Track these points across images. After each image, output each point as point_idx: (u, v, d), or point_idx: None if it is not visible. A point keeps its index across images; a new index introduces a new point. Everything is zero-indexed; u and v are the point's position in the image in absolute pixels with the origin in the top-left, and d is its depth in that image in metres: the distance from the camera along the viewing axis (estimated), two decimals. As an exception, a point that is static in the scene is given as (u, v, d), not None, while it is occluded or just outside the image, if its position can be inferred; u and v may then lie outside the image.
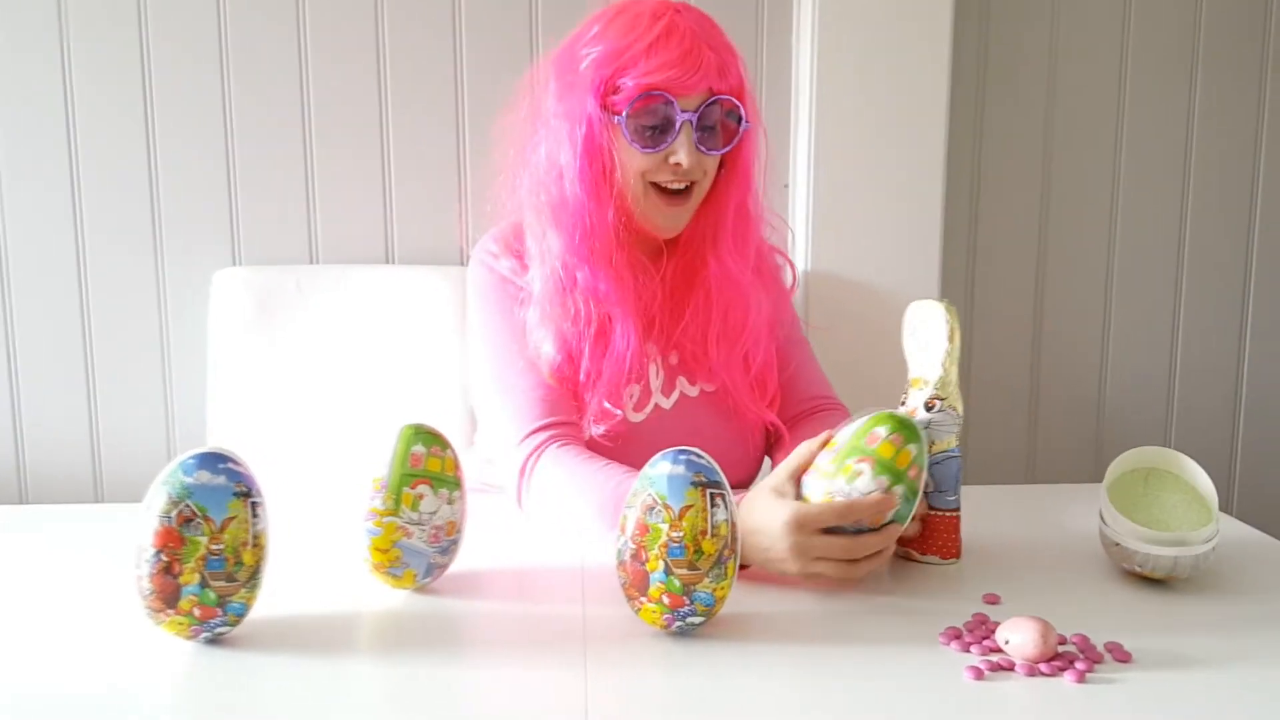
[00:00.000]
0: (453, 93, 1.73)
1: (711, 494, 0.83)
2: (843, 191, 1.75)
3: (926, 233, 1.77)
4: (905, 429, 0.93)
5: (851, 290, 1.76)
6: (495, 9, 1.72)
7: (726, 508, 0.84)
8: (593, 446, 1.16)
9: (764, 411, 1.25)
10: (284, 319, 1.66)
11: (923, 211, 1.76)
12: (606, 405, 1.16)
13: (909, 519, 0.95)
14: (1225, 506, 1.02)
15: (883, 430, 0.93)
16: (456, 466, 0.95)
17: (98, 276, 1.72)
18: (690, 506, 0.83)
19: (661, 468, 0.84)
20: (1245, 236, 1.94)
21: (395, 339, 1.66)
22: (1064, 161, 1.88)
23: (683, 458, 0.84)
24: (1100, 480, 1.03)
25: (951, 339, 1.01)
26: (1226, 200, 1.93)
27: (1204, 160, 1.91)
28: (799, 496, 0.95)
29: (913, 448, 0.93)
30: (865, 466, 0.92)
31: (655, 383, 1.22)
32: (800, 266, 1.77)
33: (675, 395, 1.23)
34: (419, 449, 0.93)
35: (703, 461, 0.85)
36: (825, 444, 0.97)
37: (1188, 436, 1.97)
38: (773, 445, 1.30)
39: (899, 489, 0.92)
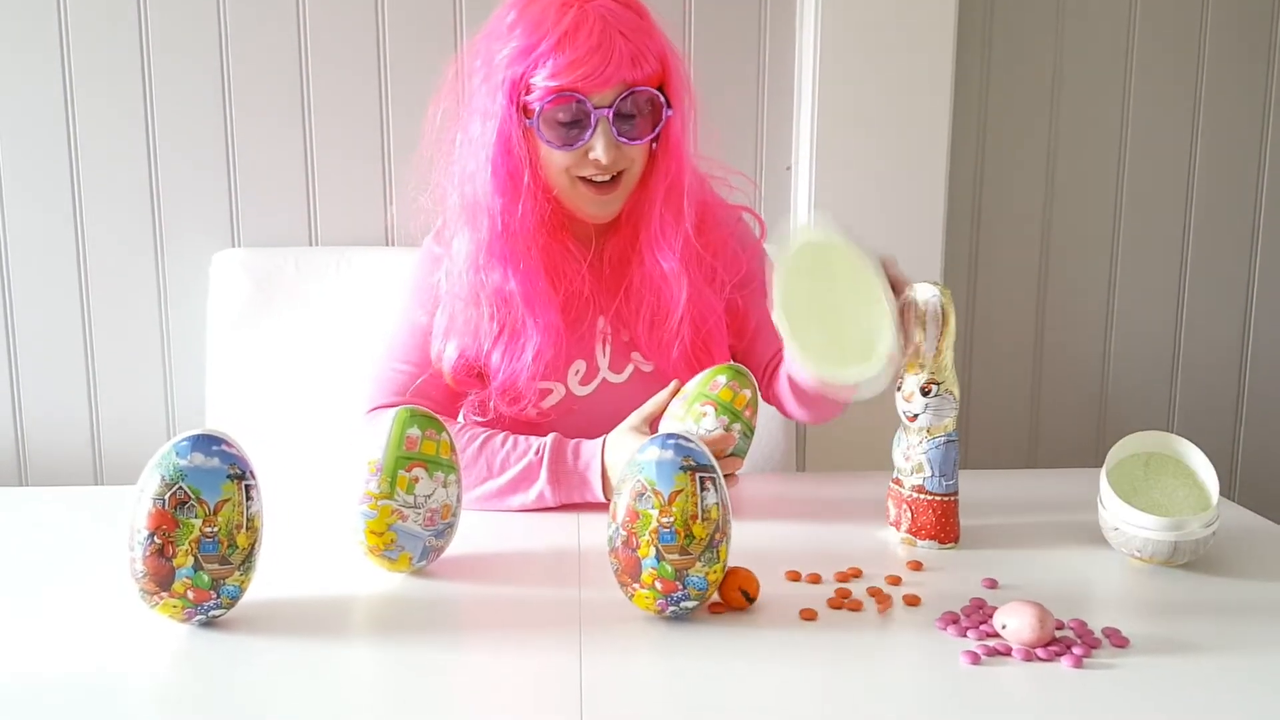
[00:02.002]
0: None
1: (701, 478, 0.83)
2: (845, 174, 1.73)
3: (930, 216, 1.75)
4: (741, 376, 1.11)
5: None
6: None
7: (717, 491, 0.84)
8: (531, 421, 1.20)
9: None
10: (283, 301, 1.65)
11: (926, 194, 1.75)
12: (501, 405, 1.19)
13: (746, 454, 1.10)
14: (1227, 492, 1.02)
15: (722, 378, 1.10)
16: (452, 450, 0.95)
17: (97, 258, 1.71)
18: (680, 491, 0.82)
19: (650, 453, 0.84)
20: (1250, 221, 1.93)
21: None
22: (1069, 145, 1.87)
23: (671, 442, 0.84)
24: (1102, 465, 1.02)
25: (947, 322, 1.00)
26: (1231, 186, 1.91)
27: (1210, 146, 1.89)
28: None
29: (747, 392, 1.10)
30: (709, 409, 1.09)
31: (602, 360, 1.23)
32: (802, 249, 1.76)
33: (629, 371, 1.24)
34: (414, 432, 0.93)
35: (691, 446, 0.84)
36: (675, 393, 1.14)
37: (1190, 422, 1.96)
38: None
39: (737, 426, 1.09)
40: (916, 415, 1.02)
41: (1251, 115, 1.89)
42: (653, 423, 1.13)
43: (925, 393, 1.01)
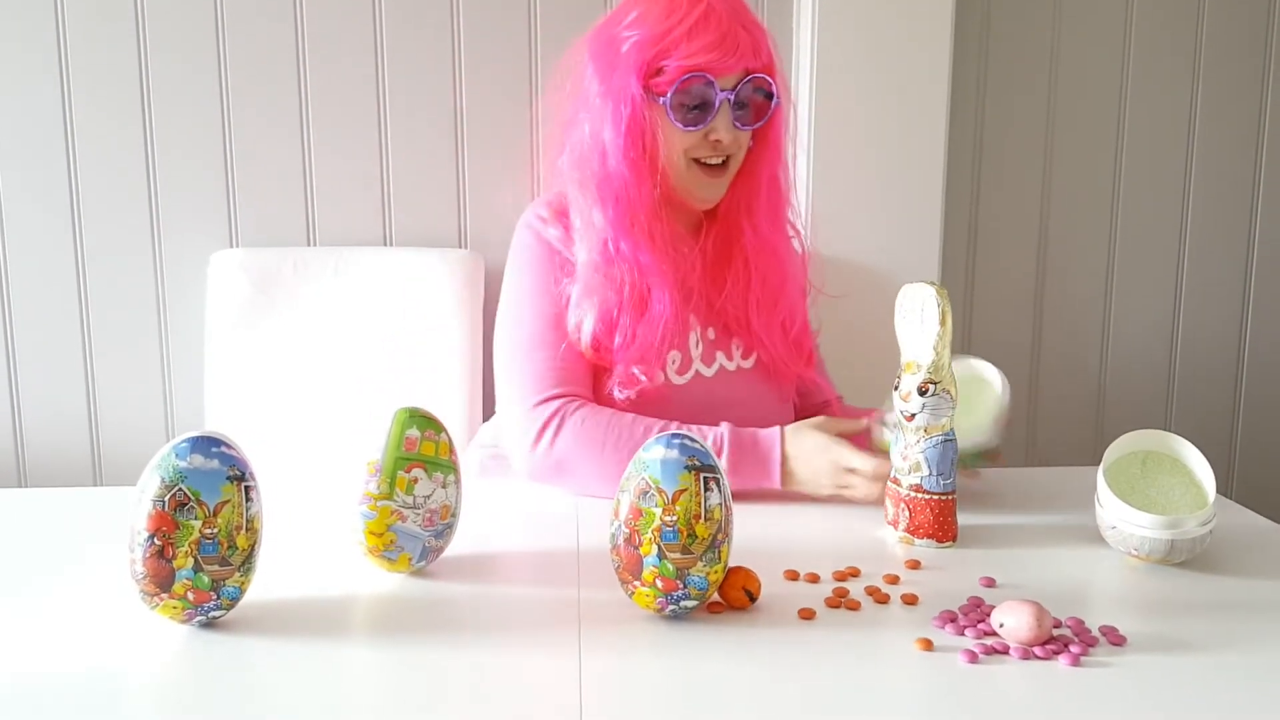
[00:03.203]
0: (450, 74, 1.72)
1: (705, 478, 0.83)
2: (843, 172, 1.74)
3: (927, 215, 1.76)
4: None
5: (852, 272, 1.76)
6: (492, -11, 1.71)
7: (720, 491, 0.84)
8: (632, 407, 1.21)
9: (803, 369, 1.33)
10: (281, 301, 1.65)
11: (923, 193, 1.75)
12: (635, 371, 1.21)
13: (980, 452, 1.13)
14: (1224, 490, 1.02)
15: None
16: (451, 450, 0.95)
17: (95, 258, 1.71)
18: (683, 491, 0.83)
19: (655, 452, 0.84)
20: (1247, 221, 1.93)
21: (392, 321, 1.66)
22: (1066, 145, 1.87)
23: (676, 441, 0.84)
24: (1100, 463, 1.02)
25: (943, 322, 1.01)
26: (1228, 184, 1.92)
27: (1206, 146, 1.89)
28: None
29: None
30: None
31: (695, 351, 1.27)
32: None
33: (715, 367, 1.28)
34: (414, 433, 0.93)
35: (696, 446, 0.84)
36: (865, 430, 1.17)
37: (1187, 420, 1.97)
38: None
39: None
40: (914, 415, 1.02)
41: (1248, 117, 1.90)
42: (852, 438, 1.16)
43: (923, 392, 1.01)
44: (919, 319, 1.03)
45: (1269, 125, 1.90)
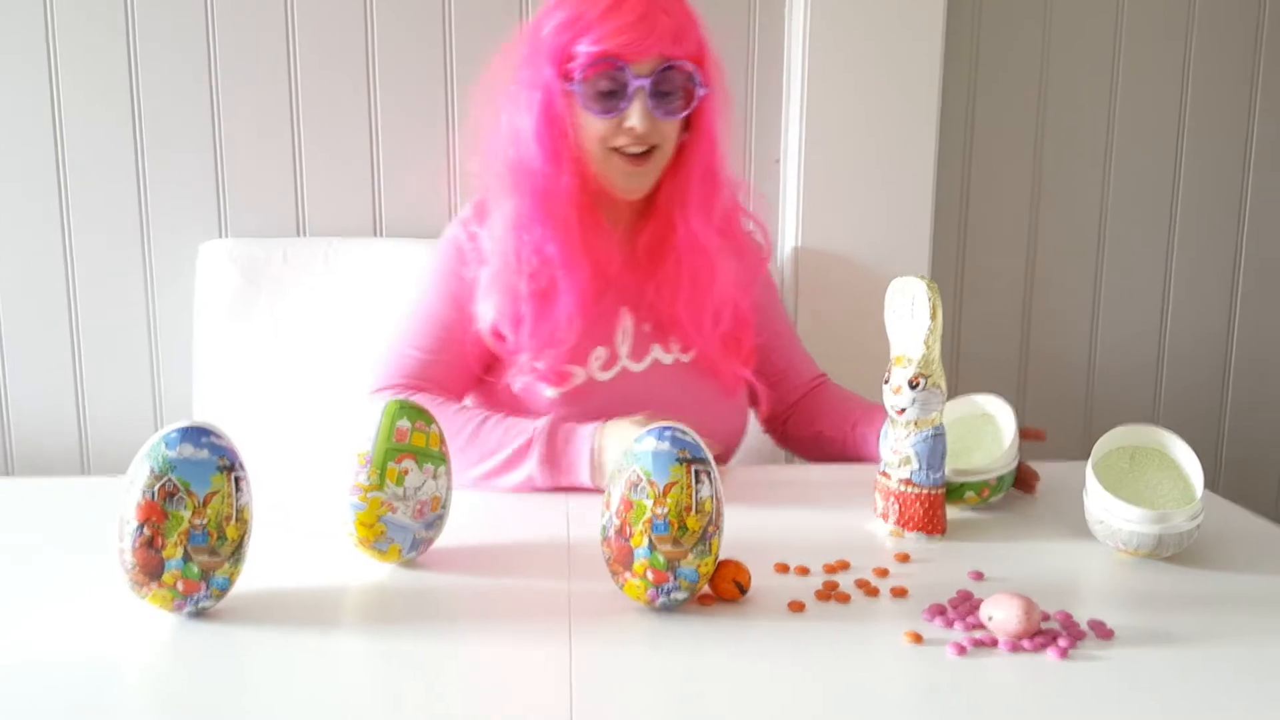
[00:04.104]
0: (441, 63, 1.71)
1: (696, 470, 0.83)
2: (834, 167, 1.74)
3: (918, 209, 1.76)
4: None
5: (842, 266, 1.76)
6: (484, -21, 1.70)
7: (711, 484, 0.84)
8: (560, 403, 1.21)
9: (739, 368, 1.29)
10: (270, 291, 1.65)
11: (914, 188, 1.75)
12: (538, 365, 1.20)
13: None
14: (1212, 485, 1.02)
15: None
16: (441, 441, 0.95)
17: (83, 247, 1.70)
18: (675, 483, 0.83)
19: (647, 444, 0.84)
20: (1235, 217, 1.94)
21: (382, 312, 1.65)
22: (1056, 142, 1.87)
23: (667, 434, 0.84)
24: (1088, 458, 1.03)
25: (934, 316, 1.01)
26: (1217, 182, 1.92)
27: (1196, 145, 1.90)
28: None
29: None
30: None
31: (622, 347, 1.25)
32: (790, 242, 1.77)
33: (648, 361, 1.26)
34: (404, 424, 0.93)
35: (687, 438, 0.84)
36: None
37: (1175, 416, 1.98)
38: (786, 422, 1.39)
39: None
40: (904, 409, 1.03)
41: (1237, 117, 1.90)
42: None
43: (913, 386, 1.02)
44: (909, 313, 1.03)
45: (1258, 124, 1.91)
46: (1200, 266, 1.95)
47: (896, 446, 1.04)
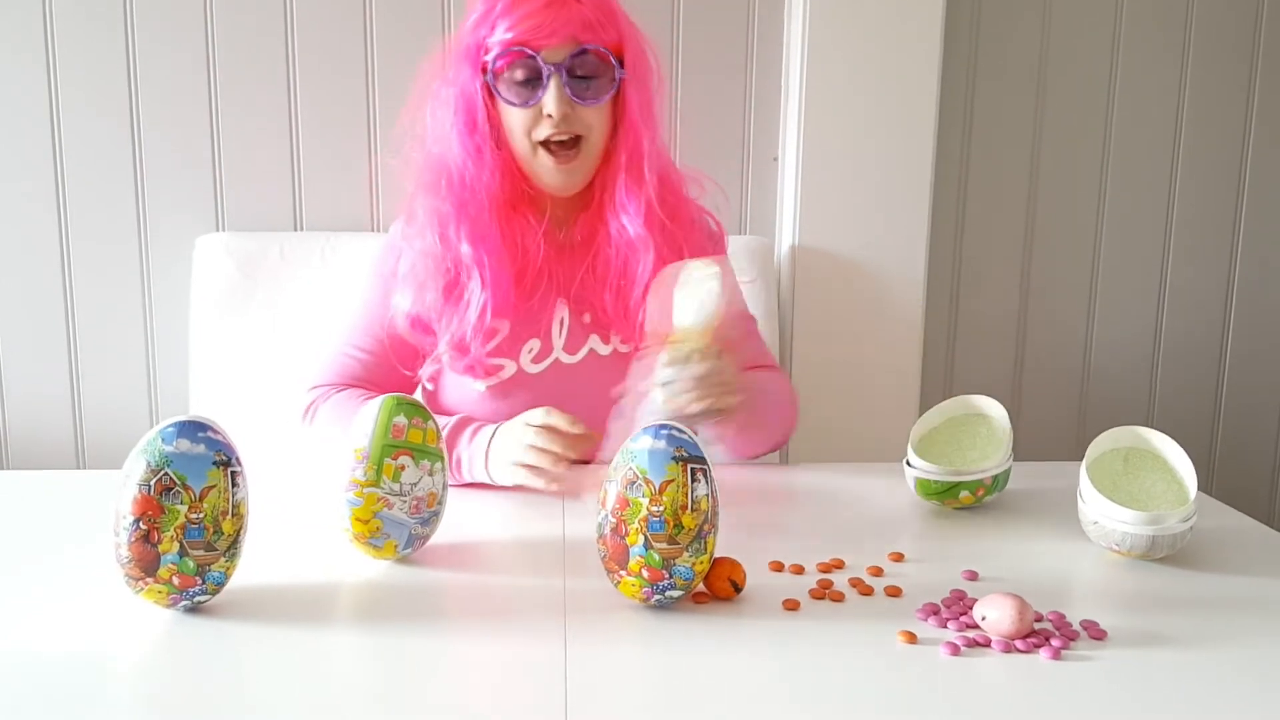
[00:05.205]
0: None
1: (692, 469, 0.83)
2: (832, 165, 1.74)
3: (915, 208, 1.76)
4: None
5: (839, 264, 1.76)
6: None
7: (707, 483, 0.84)
8: (491, 396, 1.22)
9: None
10: (267, 286, 1.65)
11: (911, 186, 1.76)
12: (459, 359, 1.21)
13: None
14: (1205, 487, 1.03)
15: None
16: (438, 438, 0.95)
17: (80, 241, 1.70)
18: (671, 481, 0.83)
19: (643, 442, 0.84)
20: (1231, 219, 1.95)
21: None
22: (1054, 140, 1.88)
23: (664, 432, 0.84)
24: (1082, 459, 1.03)
25: (718, 305, 1.04)
26: (1213, 186, 1.93)
27: (1193, 144, 1.90)
28: None
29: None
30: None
31: (558, 339, 1.25)
32: (788, 241, 1.77)
33: (584, 352, 1.26)
34: (400, 420, 0.93)
35: (684, 437, 0.85)
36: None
37: (1169, 418, 1.98)
38: None
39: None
40: (667, 384, 1.05)
41: (1234, 116, 1.91)
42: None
43: (670, 365, 1.04)
44: (698, 298, 1.05)
45: (1255, 125, 1.91)
46: (1196, 268, 1.95)
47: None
